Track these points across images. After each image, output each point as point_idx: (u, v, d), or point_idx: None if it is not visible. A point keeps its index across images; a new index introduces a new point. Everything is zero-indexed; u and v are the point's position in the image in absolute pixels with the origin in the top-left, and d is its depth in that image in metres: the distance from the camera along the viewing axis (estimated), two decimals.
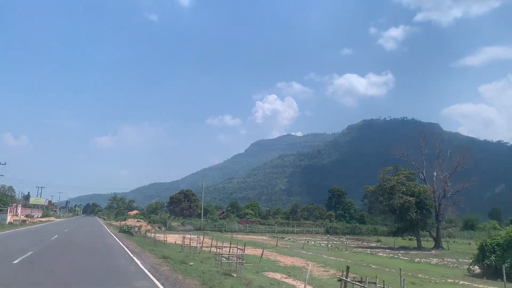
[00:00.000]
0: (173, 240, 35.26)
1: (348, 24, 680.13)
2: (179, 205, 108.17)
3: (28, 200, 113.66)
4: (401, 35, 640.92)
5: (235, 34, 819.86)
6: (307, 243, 48.35)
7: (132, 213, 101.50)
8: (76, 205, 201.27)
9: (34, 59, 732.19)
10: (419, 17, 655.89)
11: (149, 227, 58.17)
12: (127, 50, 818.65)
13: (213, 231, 65.78)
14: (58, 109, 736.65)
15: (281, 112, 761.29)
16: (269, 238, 59.58)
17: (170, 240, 33.06)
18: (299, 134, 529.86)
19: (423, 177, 48.47)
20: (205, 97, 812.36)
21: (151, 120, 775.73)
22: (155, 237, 32.22)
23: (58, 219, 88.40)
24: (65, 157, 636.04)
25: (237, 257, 17.77)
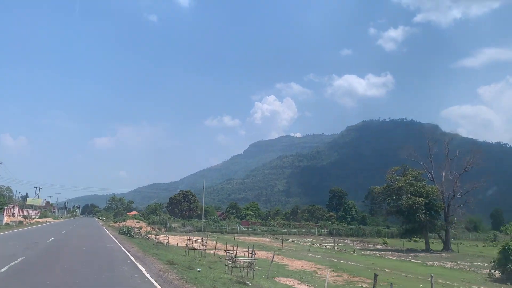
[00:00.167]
0: (175, 242, 33.87)
1: (347, 24, 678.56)
2: (178, 206, 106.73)
3: (25, 200, 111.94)
4: (400, 36, 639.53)
5: (234, 34, 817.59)
6: (312, 245, 47.07)
7: (131, 214, 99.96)
8: (74, 206, 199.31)
9: (33, 59, 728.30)
10: (419, 18, 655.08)
11: (149, 228, 56.76)
12: (126, 50, 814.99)
13: (214, 232, 64.40)
14: (56, 110, 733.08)
15: (280, 113, 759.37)
16: (272, 239, 58.23)
17: (171, 242, 31.67)
18: (298, 135, 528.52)
19: (432, 177, 47.18)
20: (204, 98, 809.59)
21: (149, 120, 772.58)
22: (157, 239, 30.78)
23: (56, 220, 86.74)
24: (64, 158, 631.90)
25: (248, 262, 16.37)
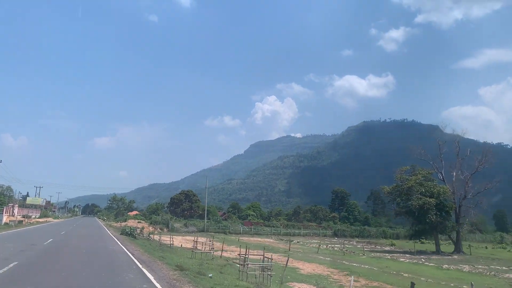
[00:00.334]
0: (178, 243, 32.49)
1: (348, 25, 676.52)
2: (180, 206, 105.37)
3: (25, 200, 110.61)
4: (401, 36, 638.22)
5: (235, 35, 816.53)
6: (319, 247, 45.75)
7: (132, 214, 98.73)
8: (75, 206, 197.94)
9: (33, 59, 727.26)
10: (420, 18, 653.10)
11: (151, 228, 55.48)
12: (127, 50, 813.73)
13: (217, 232, 63.10)
14: (57, 110, 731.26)
15: (281, 113, 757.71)
16: (276, 240, 56.93)
17: (175, 243, 30.28)
18: (299, 135, 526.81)
19: (442, 177, 45.88)
20: (204, 98, 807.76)
21: (150, 120, 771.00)
22: (161, 241, 29.45)
23: (56, 220, 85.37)
24: (64, 158, 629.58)
25: (265, 268, 15.03)
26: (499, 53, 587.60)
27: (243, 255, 16.72)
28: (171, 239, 29.29)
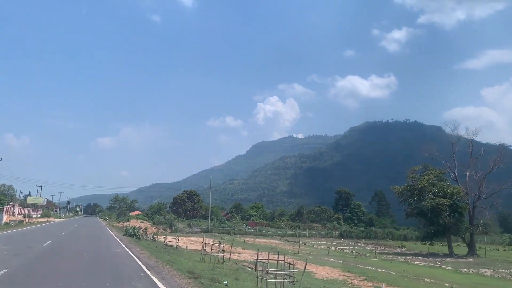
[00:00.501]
0: (183, 244, 31.04)
1: (350, 25, 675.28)
2: (182, 206, 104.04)
3: (25, 199, 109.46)
4: (404, 37, 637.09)
5: (237, 35, 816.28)
6: (328, 248, 44.37)
7: (134, 214, 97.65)
8: (77, 205, 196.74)
9: (35, 59, 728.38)
10: (422, 19, 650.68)
11: (154, 228, 54.21)
12: (129, 50, 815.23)
13: (221, 233, 61.72)
14: (59, 110, 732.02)
15: (283, 113, 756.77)
16: (282, 242, 55.52)
17: (180, 244, 28.84)
18: (301, 135, 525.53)
19: (455, 177, 44.45)
20: (206, 98, 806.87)
21: (152, 120, 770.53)
22: (166, 242, 28.08)
23: (57, 220, 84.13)
24: (66, 158, 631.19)
25: (285, 274, 13.69)
26: (501, 54, 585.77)
27: (261, 260, 15.33)
28: (176, 241, 27.94)
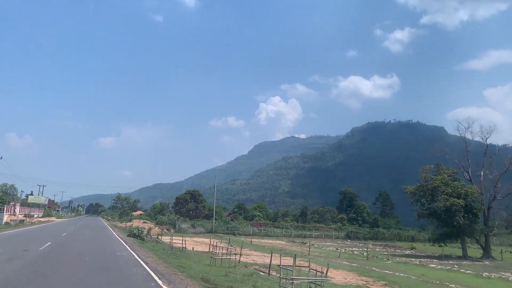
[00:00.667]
0: (189, 245, 29.67)
1: (353, 26, 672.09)
2: (185, 206, 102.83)
3: (27, 198, 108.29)
4: (406, 37, 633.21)
5: (239, 35, 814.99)
6: (337, 250, 43.04)
7: (136, 214, 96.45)
8: (79, 205, 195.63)
9: (38, 59, 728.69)
10: (425, 19, 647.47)
11: (157, 229, 52.88)
12: (131, 51, 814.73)
13: (225, 234, 60.41)
14: (61, 110, 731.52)
15: (285, 114, 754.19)
16: (289, 243, 54.19)
17: (186, 245, 27.48)
18: (303, 136, 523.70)
19: (469, 177, 42.94)
20: (208, 99, 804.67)
21: (154, 121, 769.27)
22: (172, 243, 26.75)
23: (59, 220, 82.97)
24: (69, 158, 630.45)
25: (313, 283, 12.33)
26: (504, 54, 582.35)
27: (285, 266, 13.99)
28: (183, 242, 26.62)
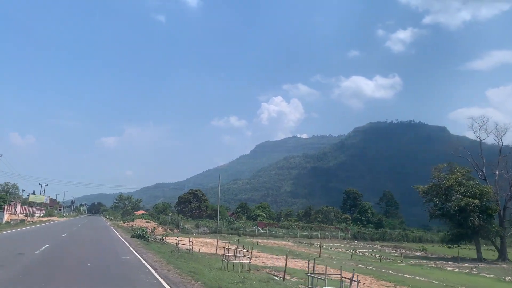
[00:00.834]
0: (195, 246, 28.27)
1: (355, 25, 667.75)
2: (188, 206, 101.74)
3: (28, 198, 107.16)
4: (409, 37, 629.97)
5: (242, 35, 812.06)
6: (347, 251, 41.66)
7: (138, 213, 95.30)
8: (81, 205, 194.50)
9: (40, 59, 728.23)
10: (427, 19, 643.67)
11: (161, 229, 51.62)
12: (134, 50, 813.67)
13: (230, 234, 59.08)
14: (64, 109, 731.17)
15: (287, 113, 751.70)
16: (295, 244, 52.84)
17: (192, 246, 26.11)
18: (305, 136, 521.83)
19: (483, 176, 41.52)
20: (210, 98, 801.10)
21: (156, 120, 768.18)
22: (179, 245, 25.40)
23: (60, 219, 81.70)
24: (71, 157, 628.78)
25: None
26: (507, 54, 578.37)
27: (316, 274, 12.65)
28: (190, 244, 25.30)
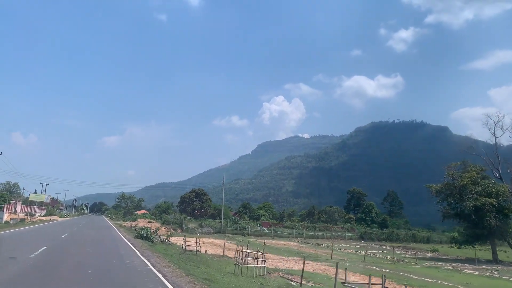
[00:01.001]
0: (201, 247, 26.85)
1: (357, 25, 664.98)
2: (190, 205, 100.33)
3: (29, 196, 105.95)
4: (411, 37, 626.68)
5: (243, 34, 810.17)
6: (358, 253, 40.25)
7: (140, 213, 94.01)
8: (83, 204, 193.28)
9: (42, 58, 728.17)
10: (430, 19, 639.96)
11: (164, 229, 50.24)
12: (135, 50, 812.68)
13: (234, 234, 57.73)
14: (66, 109, 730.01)
15: (289, 113, 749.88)
16: (302, 244, 51.43)
17: (197, 247, 24.71)
18: (306, 135, 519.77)
19: (498, 174, 40.04)
20: (212, 98, 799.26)
21: (158, 120, 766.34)
22: (185, 246, 24.02)
23: (61, 219, 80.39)
24: (73, 156, 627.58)
25: None
26: (510, 54, 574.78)
27: (352, 284, 11.26)
28: (197, 245, 23.94)
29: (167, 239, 30.70)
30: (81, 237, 27.95)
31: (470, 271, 28.97)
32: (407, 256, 41.37)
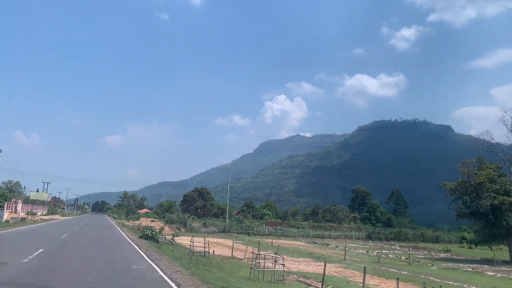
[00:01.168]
0: (210, 248, 25.48)
1: (359, 24, 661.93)
2: (193, 204, 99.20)
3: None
4: (413, 35, 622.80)
5: (245, 33, 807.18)
6: (369, 253, 38.89)
7: (142, 212, 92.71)
8: (85, 203, 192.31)
9: (44, 58, 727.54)
10: (432, 17, 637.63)
11: (167, 228, 48.94)
12: (137, 49, 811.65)
13: (239, 233, 56.40)
14: (68, 108, 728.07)
15: (290, 112, 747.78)
16: (309, 244, 50.07)
17: (201, 246, 23.32)
18: (308, 134, 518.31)
19: None
20: (214, 97, 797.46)
21: (160, 119, 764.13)
22: (193, 247, 22.64)
23: (63, 218, 79.17)
24: (75, 156, 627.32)
25: None
26: None
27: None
28: (206, 246, 22.57)
29: (172, 239, 29.36)
30: (82, 238, 26.48)
31: (491, 273, 27.57)
32: (420, 256, 40.03)
